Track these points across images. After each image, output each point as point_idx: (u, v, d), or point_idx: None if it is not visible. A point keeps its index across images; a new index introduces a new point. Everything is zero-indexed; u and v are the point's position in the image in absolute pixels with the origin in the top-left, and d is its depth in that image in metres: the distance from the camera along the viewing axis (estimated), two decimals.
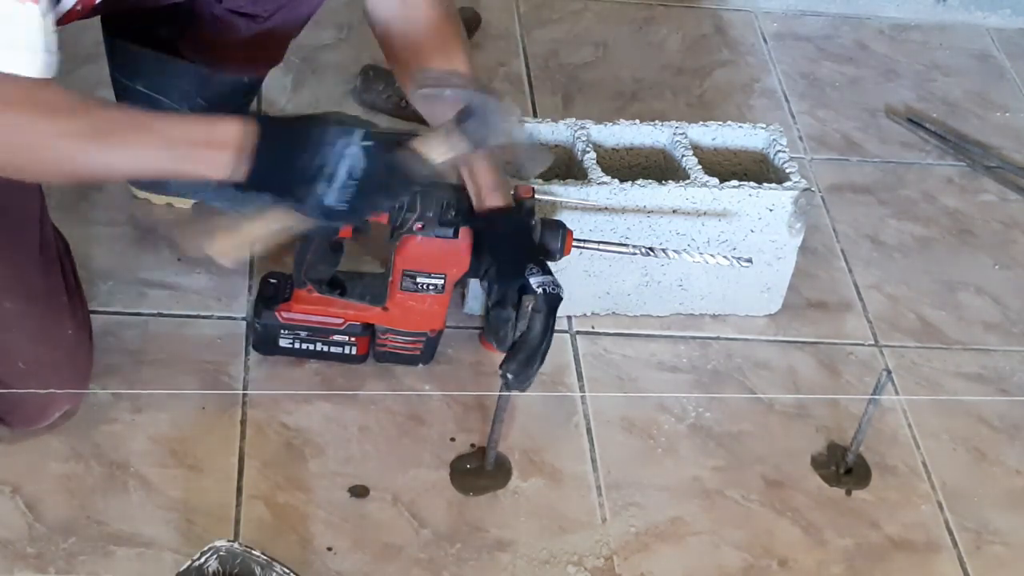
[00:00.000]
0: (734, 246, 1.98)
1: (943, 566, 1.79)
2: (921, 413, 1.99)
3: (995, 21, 2.89)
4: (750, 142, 2.08)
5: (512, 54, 2.57)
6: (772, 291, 2.07)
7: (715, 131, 2.07)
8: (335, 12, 2.54)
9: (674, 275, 2.01)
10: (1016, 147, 2.55)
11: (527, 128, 1.99)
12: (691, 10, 2.78)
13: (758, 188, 1.95)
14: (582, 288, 1.99)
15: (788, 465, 1.89)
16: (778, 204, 1.96)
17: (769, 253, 2.01)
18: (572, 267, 1.93)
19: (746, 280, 2.02)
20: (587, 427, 1.90)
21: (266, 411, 1.83)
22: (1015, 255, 2.32)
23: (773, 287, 2.06)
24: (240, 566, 1.52)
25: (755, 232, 1.98)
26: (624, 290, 2.02)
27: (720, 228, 1.96)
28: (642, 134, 2.05)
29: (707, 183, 1.94)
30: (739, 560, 1.76)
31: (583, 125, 2.03)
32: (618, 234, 1.94)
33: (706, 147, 2.06)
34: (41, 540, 1.64)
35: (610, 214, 1.93)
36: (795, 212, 1.97)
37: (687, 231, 1.96)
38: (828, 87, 2.64)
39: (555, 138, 2.03)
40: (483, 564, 1.70)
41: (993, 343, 2.14)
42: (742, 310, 2.07)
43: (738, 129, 2.08)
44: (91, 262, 1.99)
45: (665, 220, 1.95)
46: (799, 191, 1.97)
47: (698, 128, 2.06)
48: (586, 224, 1.91)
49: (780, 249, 2.01)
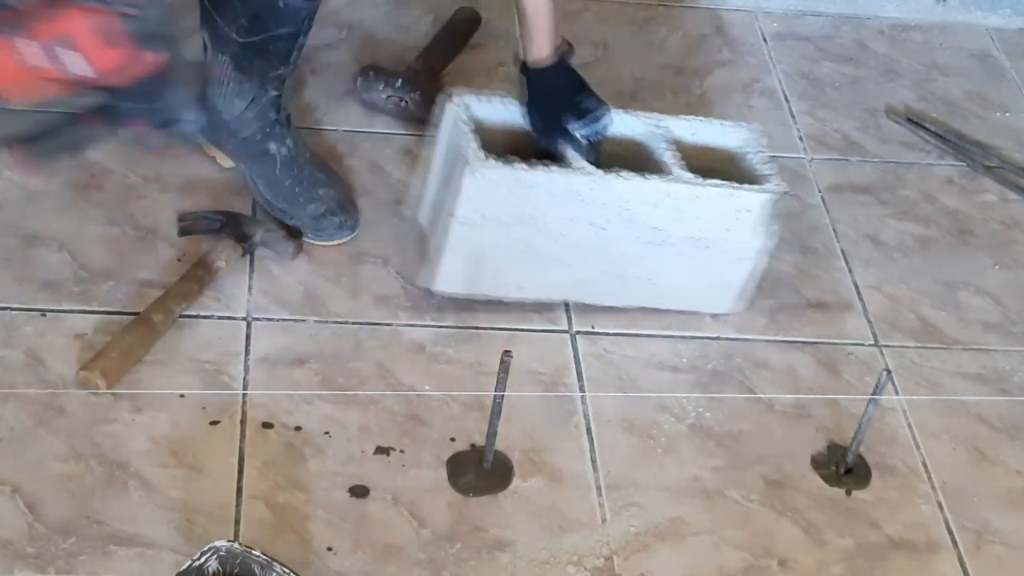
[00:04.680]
0: (708, 244, 1.97)
1: (943, 566, 1.79)
2: (921, 413, 1.99)
3: (995, 21, 2.89)
4: (728, 140, 2.06)
5: (512, 54, 2.57)
6: (740, 290, 2.05)
7: (695, 126, 2.05)
8: (335, 12, 2.54)
9: (644, 267, 2.00)
10: (1016, 147, 2.55)
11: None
12: (691, 10, 2.78)
13: (739, 188, 1.95)
14: (544, 274, 1.98)
15: (788, 465, 1.89)
16: (755, 205, 1.95)
17: (739, 252, 2.00)
18: (536, 251, 1.94)
19: (718, 278, 2.02)
20: (587, 427, 1.90)
21: (266, 411, 1.83)
22: (1015, 255, 2.32)
23: (739, 287, 2.04)
24: (240, 566, 1.52)
25: (730, 231, 1.97)
26: (588, 277, 2.00)
27: (699, 224, 1.95)
28: (621, 124, 2.03)
29: (690, 180, 1.93)
30: (739, 560, 1.76)
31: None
32: (596, 226, 1.93)
33: (686, 142, 2.03)
34: (41, 540, 1.64)
35: (590, 203, 1.91)
36: (770, 216, 1.97)
37: (665, 226, 1.95)
38: (828, 87, 2.64)
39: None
40: (483, 564, 1.70)
41: (993, 343, 2.14)
42: (708, 307, 2.06)
43: (718, 126, 2.07)
44: (91, 262, 1.99)
45: (645, 212, 1.93)
46: (778, 194, 1.97)
47: (679, 122, 2.05)
48: (564, 210, 1.91)
49: (749, 250, 2.00)
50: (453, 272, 1.95)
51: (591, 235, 1.94)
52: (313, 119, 2.31)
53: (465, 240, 1.92)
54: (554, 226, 1.93)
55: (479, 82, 2.47)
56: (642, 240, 1.96)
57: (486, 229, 1.91)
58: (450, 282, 1.97)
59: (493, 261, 1.95)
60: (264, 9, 1.91)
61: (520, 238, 1.93)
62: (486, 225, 1.91)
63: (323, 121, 2.32)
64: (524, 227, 1.92)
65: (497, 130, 2.00)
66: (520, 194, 1.89)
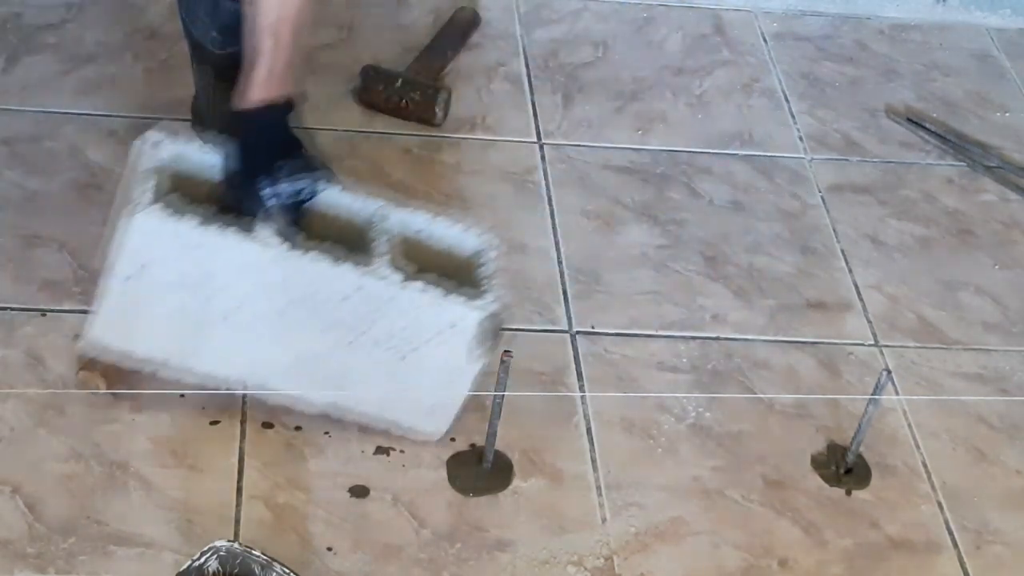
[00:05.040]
0: (404, 355, 1.71)
1: (943, 566, 1.79)
2: (921, 413, 1.99)
3: (995, 21, 2.89)
4: (460, 244, 1.81)
5: (512, 54, 2.57)
6: (438, 413, 1.78)
7: (423, 221, 1.80)
8: (335, 12, 2.55)
9: (332, 366, 1.73)
10: (1016, 147, 2.55)
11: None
12: (691, 10, 2.78)
13: (444, 297, 1.69)
14: (214, 348, 1.72)
15: (788, 465, 1.89)
16: (461, 322, 1.70)
17: (443, 373, 1.74)
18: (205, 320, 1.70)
19: (417, 396, 1.76)
20: (587, 427, 1.90)
21: (266, 411, 1.83)
22: (1015, 255, 2.32)
23: (440, 410, 1.78)
24: (240, 566, 1.52)
25: (430, 346, 1.71)
26: (267, 363, 1.74)
27: (394, 330, 1.70)
28: (344, 203, 1.78)
29: (387, 277, 1.68)
30: (739, 560, 1.76)
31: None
32: (275, 307, 1.69)
33: (413, 239, 1.79)
34: (41, 540, 1.64)
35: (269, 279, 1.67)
36: (479, 334, 1.70)
37: (355, 324, 1.70)
38: (828, 87, 2.64)
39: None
40: (483, 564, 1.70)
41: (993, 343, 2.14)
42: (405, 422, 1.79)
43: (447, 227, 1.81)
44: (91, 262, 1.98)
45: (333, 304, 1.68)
46: (488, 313, 1.71)
47: (406, 215, 1.79)
48: (239, 281, 1.67)
49: (456, 371, 1.74)
50: (108, 325, 1.70)
51: (269, 315, 1.70)
52: (313, 119, 2.31)
53: (121, 292, 1.67)
54: (227, 297, 1.68)
55: (479, 82, 2.48)
56: (329, 334, 1.71)
57: (146, 284, 1.67)
58: (105, 336, 1.71)
59: (154, 321, 1.70)
60: (232, 22, 1.90)
61: (187, 302, 1.69)
62: (147, 280, 1.66)
63: (323, 121, 2.32)
64: (192, 291, 1.68)
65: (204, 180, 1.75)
66: (188, 252, 1.65)
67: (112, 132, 2.23)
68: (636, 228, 2.24)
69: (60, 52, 2.37)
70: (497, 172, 2.30)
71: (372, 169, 2.25)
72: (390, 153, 2.29)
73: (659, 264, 2.18)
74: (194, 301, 1.68)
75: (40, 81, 2.31)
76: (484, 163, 2.31)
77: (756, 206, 2.32)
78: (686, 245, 2.22)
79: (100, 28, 2.43)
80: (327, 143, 2.25)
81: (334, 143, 2.27)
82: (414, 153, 2.30)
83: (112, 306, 1.68)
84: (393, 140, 2.32)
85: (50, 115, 2.25)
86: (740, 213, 2.30)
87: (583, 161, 2.35)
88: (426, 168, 2.28)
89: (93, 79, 2.33)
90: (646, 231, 2.23)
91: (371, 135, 2.32)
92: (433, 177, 2.26)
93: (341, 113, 2.35)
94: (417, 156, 2.30)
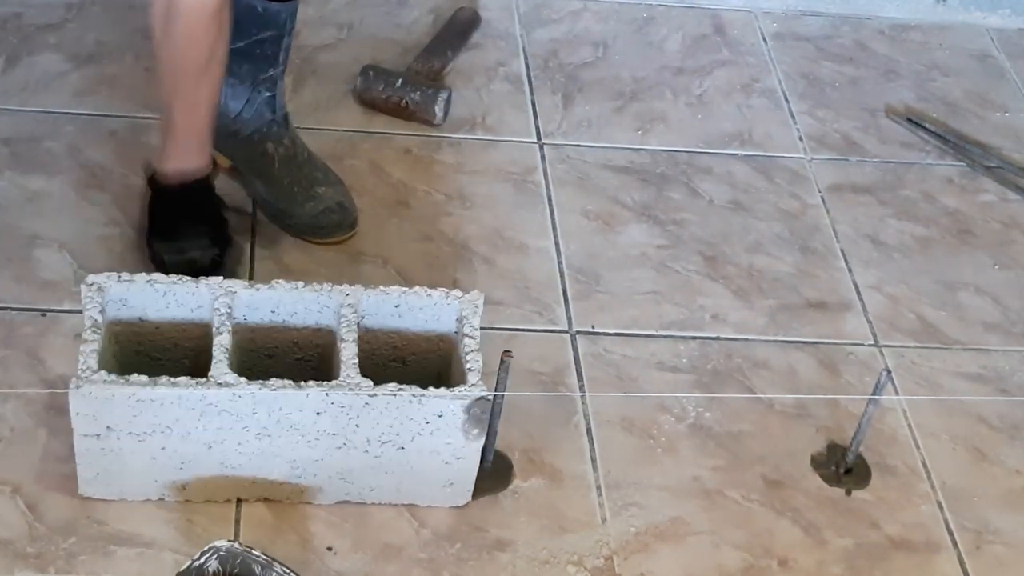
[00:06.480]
0: (402, 445, 1.68)
1: (943, 566, 1.79)
2: (921, 413, 1.99)
3: (995, 21, 2.89)
4: (440, 316, 1.75)
5: (512, 54, 2.57)
6: (456, 486, 1.74)
7: (397, 298, 1.74)
8: (335, 12, 2.55)
9: (331, 468, 1.70)
10: (1016, 147, 2.55)
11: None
12: (691, 10, 2.78)
13: (420, 395, 1.63)
14: (211, 475, 1.69)
15: (788, 465, 1.89)
16: (447, 412, 1.65)
17: (446, 453, 1.70)
18: (190, 456, 1.66)
19: (427, 476, 1.72)
20: (587, 427, 1.90)
21: None
22: (1015, 255, 2.32)
23: (457, 482, 1.74)
24: (240, 566, 1.52)
25: (423, 435, 1.67)
26: (270, 478, 1.70)
27: (381, 429, 1.66)
28: (305, 303, 1.73)
29: (357, 386, 1.62)
30: (739, 560, 1.76)
31: (229, 289, 1.71)
32: (253, 433, 1.64)
33: (386, 327, 1.75)
34: (41, 540, 1.64)
35: (237, 414, 1.62)
36: (469, 419, 1.67)
37: (339, 430, 1.66)
38: (828, 87, 2.64)
39: (194, 311, 1.72)
40: (483, 564, 1.70)
41: (993, 343, 2.14)
42: (424, 501, 1.75)
43: (426, 297, 1.75)
44: (91, 262, 1.98)
45: (310, 420, 1.64)
46: (471, 400, 1.65)
47: (375, 296, 1.73)
48: (208, 422, 1.62)
49: (458, 450, 1.70)
50: (92, 479, 1.68)
51: (250, 440, 1.65)
52: (313, 119, 2.31)
53: (93, 450, 1.65)
54: (201, 435, 1.64)
55: (479, 82, 2.48)
56: (319, 444, 1.67)
57: (116, 440, 1.63)
58: (95, 488, 1.69)
59: (138, 466, 1.67)
60: (244, 15, 1.91)
61: (166, 443, 1.64)
62: (115, 436, 1.63)
63: (323, 121, 2.32)
64: (166, 434, 1.63)
65: (151, 320, 1.73)
66: (146, 408, 1.61)
67: (112, 132, 2.23)
68: (636, 228, 2.24)
69: (60, 52, 2.37)
70: (497, 172, 2.30)
71: (372, 169, 2.25)
72: (390, 153, 2.29)
73: (659, 264, 2.18)
74: (171, 442, 1.64)
75: (40, 81, 2.31)
76: (484, 163, 2.31)
77: (756, 206, 2.32)
78: (686, 245, 2.22)
79: (100, 28, 2.43)
80: (327, 143, 2.26)
81: (334, 143, 2.27)
82: (414, 153, 2.30)
83: (89, 463, 1.66)
84: (393, 140, 2.32)
85: (50, 115, 2.25)
86: (740, 213, 2.30)
87: (583, 161, 2.36)
88: (426, 168, 2.28)
89: (93, 79, 2.33)
90: (646, 231, 2.23)
91: (371, 135, 2.32)
92: (433, 177, 2.26)
93: (341, 113, 2.35)
94: (417, 156, 2.30)
